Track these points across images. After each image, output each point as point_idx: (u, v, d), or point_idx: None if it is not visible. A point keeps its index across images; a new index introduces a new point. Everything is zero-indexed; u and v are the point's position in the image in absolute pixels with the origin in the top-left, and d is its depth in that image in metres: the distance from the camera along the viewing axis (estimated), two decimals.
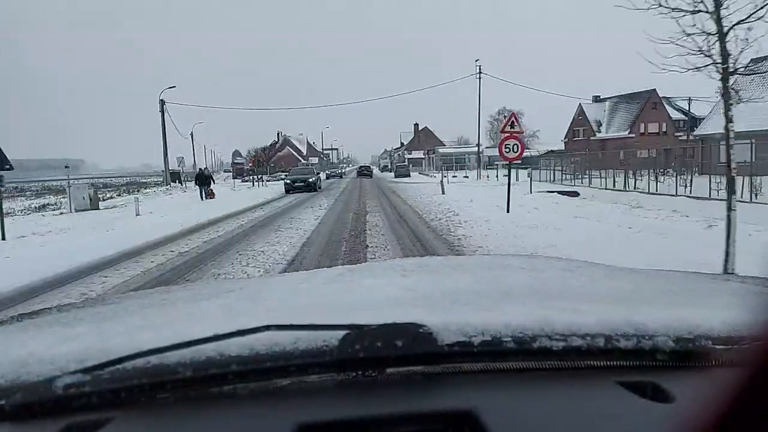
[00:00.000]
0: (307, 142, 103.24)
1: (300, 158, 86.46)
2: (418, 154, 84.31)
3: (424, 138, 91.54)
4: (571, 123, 59.13)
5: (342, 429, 0.71)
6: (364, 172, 60.38)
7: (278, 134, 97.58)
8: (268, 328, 0.78)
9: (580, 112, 57.88)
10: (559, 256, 4.58)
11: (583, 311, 0.90)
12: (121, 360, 0.78)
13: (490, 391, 0.78)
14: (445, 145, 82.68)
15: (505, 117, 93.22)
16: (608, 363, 0.83)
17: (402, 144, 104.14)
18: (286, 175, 34.76)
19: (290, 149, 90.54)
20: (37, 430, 0.75)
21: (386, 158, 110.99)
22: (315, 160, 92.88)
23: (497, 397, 0.77)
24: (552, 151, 60.99)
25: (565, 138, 59.78)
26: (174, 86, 48.24)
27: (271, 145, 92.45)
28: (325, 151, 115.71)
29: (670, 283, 1.40)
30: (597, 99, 58.98)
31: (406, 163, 61.10)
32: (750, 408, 0.32)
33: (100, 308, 1.45)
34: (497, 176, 45.57)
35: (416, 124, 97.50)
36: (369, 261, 7.83)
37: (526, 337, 0.82)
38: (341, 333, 0.79)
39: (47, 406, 0.76)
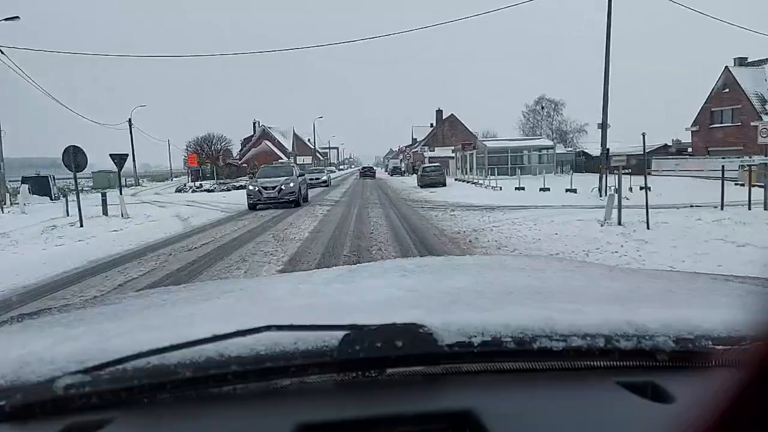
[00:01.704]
0: (294, 134, 79.07)
1: (282, 155, 63.73)
2: (442, 152, 60.64)
3: (449, 130, 68.46)
4: (708, 100, 36.75)
5: (342, 429, 0.71)
6: (367, 173, 59.99)
7: (254, 125, 72.53)
8: (268, 328, 0.78)
9: (728, 82, 35.55)
10: None
11: (583, 311, 0.89)
12: (121, 360, 0.78)
13: (490, 391, 0.79)
14: (476, 137, 59.65)
15: (543, 107, 68.01)
16: (608, 363, 0.83)
17: (414, 140, 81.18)
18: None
19: (269, 144, 65.27)
20: (37, 431, 0.75)
21: (396, 158, 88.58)
22: (308, 159, 70.27)
23: (497, 397, 0.77)
24: (667, 145, 38.20)
25: (694, 125, 37.48)
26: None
27: (245, 139, 70.35)
28: (322, 150, 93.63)
29: (670, 283, 1.37)
30: (744, 62, 36.83)
31: (438, 165, 38.28)
32: (750, 408, 0.32)
33: (100, 308, 1.46)
34: (630, 188, 22.69)
35: (439, 111, 72.12)
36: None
37: (527, 338, 0.82)
38: (341, 333, 0.79)
39: (47, 406, 0.76)
